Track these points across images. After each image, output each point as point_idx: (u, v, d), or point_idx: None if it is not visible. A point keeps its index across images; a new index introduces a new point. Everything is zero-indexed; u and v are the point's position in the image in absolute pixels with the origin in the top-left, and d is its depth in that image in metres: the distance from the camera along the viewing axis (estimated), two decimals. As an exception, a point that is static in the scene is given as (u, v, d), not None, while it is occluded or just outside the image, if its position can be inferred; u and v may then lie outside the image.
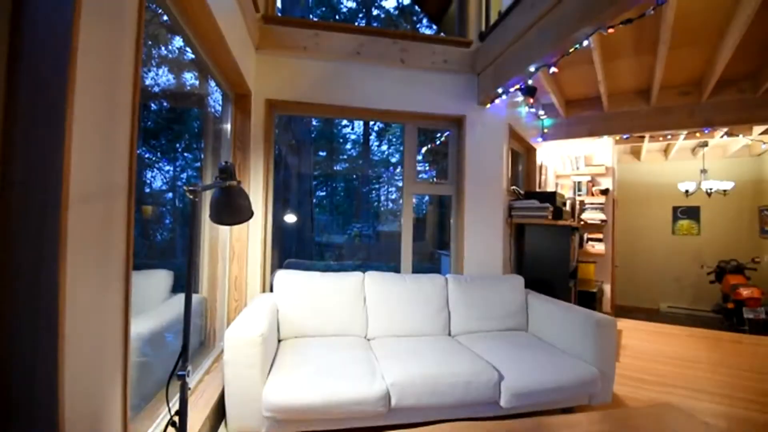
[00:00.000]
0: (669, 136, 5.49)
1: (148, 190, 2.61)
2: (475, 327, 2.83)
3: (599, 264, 5.20)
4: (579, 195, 5.36)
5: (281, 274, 2.69)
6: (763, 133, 5.28)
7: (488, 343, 2.54)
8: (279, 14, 3.42)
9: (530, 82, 2.83)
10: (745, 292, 5.06)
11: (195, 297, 2.37)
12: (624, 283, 6.83)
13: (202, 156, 2.62)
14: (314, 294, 2.64)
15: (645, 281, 6.95)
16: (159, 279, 2.15)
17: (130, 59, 1.14)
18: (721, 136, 5.33)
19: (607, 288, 5.20)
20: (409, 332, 2.72)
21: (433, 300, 2.83)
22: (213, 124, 2.66)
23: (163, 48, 2.16)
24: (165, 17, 1.77)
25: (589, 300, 4.32)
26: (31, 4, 0.88)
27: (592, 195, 5.34)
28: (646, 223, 7.05)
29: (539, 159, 4.61)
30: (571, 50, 2.28)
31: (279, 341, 2.50)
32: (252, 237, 2.86)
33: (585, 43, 2.18)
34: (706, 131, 4.76)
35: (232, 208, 1.55)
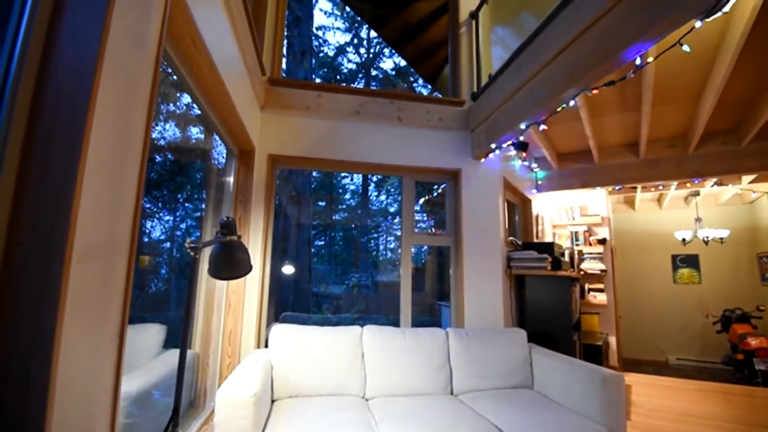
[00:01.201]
0: (660, 187, 5.63)
1: (146, 239, 2.63)
2: (478, 385, 2.72)
3: (603, 315, 5.10)
4: (577, 245, 5.38)
5: (277, 328, 2.63)
6: (752, 182, 5.43)
7: (493, 402, 2.42)
8: (284, 75, 3.64)
9: (522, 138, 2.96)
10: (753, 342, 4.92)
11: (188, 353, 2.30)
12: (628, 334, 6.65)
13: (204, 207, 2.66)
14: (310, 350, 2.56)
15: (649, 331, 6.78)
16: (152, 334, 2.10)
17: (142, 118, 1.21)
18: (712, 186, 5.47)
19: (612, 340, 5.06)
20: (410, 391, 2.60)
21: (433, 356, 2.74)
22: (216, 177, 2.74)
23: (171, 104, 2.28)
24: (175, 77, 1.89)
25: (595, 354, 4.19)
26: (56, 64, 0.95)
27: (590, 245, 5.36)
28: (646, 271, 7.02)
29: (535, 210, 4.69)
30: (558, 109, 2.42)
31: (273, 401, 2.38)
32: (249, 290, 2.83)
33: (572, 103, 2.31)
34: (696, 181, 4.90)
35: (231, 263, 1.56)
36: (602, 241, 5.33)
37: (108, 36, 0.97)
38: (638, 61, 1.91)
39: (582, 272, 5.13)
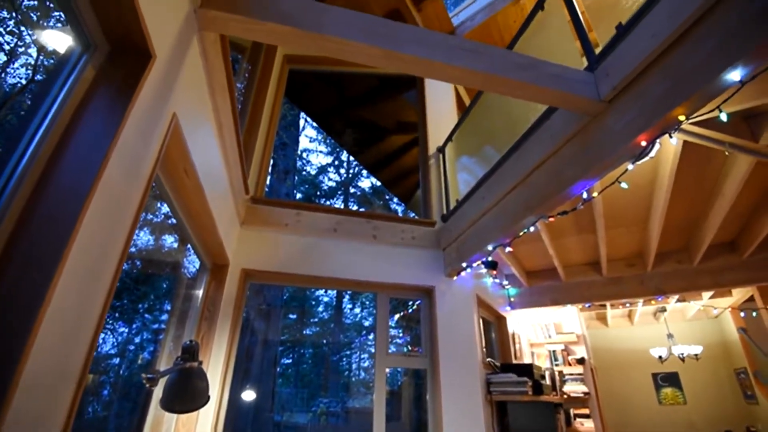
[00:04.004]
0: (627, 304, 5.79)
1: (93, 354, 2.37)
2: None
3: (593, 446, 4.69)
4: (556, 365, 5.22)
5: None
6: (711, 297, 5.69)
7: None
8: (267, 191, 3.84)
9: (491, 257, 3.11)
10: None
11: None
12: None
13: (166, 319, 2.50)
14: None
15: (646, 465, 6.20)
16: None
17: (119, 247, 1.23)
18: (676, 302, 5.69)
19: (608, 478, 4.56)
20: None
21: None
22: (184, 289, 2.64)
23: (148, 214, 2.29)
24: (158, 191, 1.96)
25: (592, 496, 3.73)
26: (51, 187, 0.98)
27: (569, 364, 5.21)
28: (629, 392, 6.74)
29: (511, 327, 4.64)
30: (521, 233, 2.61)
31: None
32: (201, 422, 2.50)
33: (532, 228, 2.52)
34: (660, 298, 5.09)
35: (188, 392, 1.42)
36: (581, 361, 5.20)
37: (106, 168, 1.05)
38: (585, 195, 2.17)
39: (565, 396, 4.87)
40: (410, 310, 4.38)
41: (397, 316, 5.47)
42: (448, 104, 4.73)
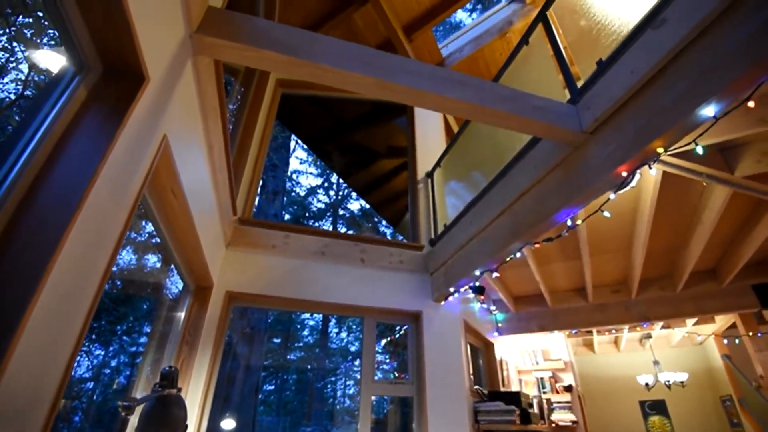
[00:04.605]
0: (613, 331, 5.82)
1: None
2: None
3: (582, 479, 4.59)
4: (544, 392, 5.16)
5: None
6: (695, 324, 5.75)
7: None
8: (255, 211, 3.81)
9: (478, 282, 3.12)
10: None
11: None
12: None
13: (145, 342, 2.41)
14: None
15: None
16: None
17: (101, 267, 1.20)
18: (660, 329, 5.73)
19: None
20: None
21: None
22: (166, 311, 2.57)
23: (132, 232, 2.24)
24: (143, 209, 1.93)
25: None
26: (36, 205, 0.97)
27: (557, 392, 5.16)
28: (617, 420, 6.68)
29: (498, 354, 4.60)
30: (508, 259, 2.64)
31: None
32: (178, 453, 2.39)
33: (518, 254, 2.55)
34: (645, 325, 5.13)
35: (165, 421, 1.37)
36: (569, 388, 5.16)
37: (93, 187, 1.04)
38: (569, 223, 2.21)
39: (553, 425, 4.80)
40: (397, 335, 4.32)
41: (384, 341, 5.39)
42: (436, 131, 4.84)
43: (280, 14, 3.89)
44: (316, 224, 14.42)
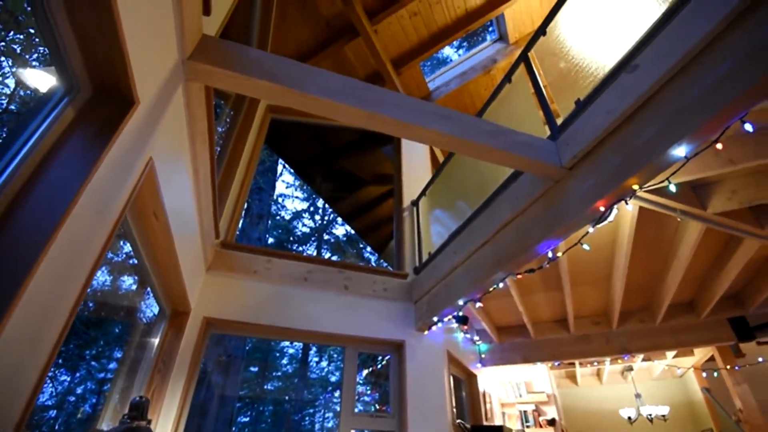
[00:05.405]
0: (595, 363, 5.82)
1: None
2: None
3: None
4: (527, 426, 5.07)
5: None
6: (675, 356, 5.81)
7: None
8: (238, 234, 3.76)
9: (462, 312, 3.11)
10: None
11: None
12: None
13: (115, 368, 2.29)
14: None
15: None
16: None
17: (77, 287, 1.16)
18: (641, 361, 5.76)
19: None
20: None
21: None
22: (138, 336, 2.46)
23: (109, 252, 2.18)
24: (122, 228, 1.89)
25: None
26: (15, 222, 0.94)
27: (540, 426, 5.07)
28: (602, 459, 6.56)
29: (481, 386, 4.53)
30: (491, 289, 2.65)
31: None
32: (142, 492, 2.23)
33: (501, 285, 2.56)
34: (626, 357, 5.15)
35: (130, 457, 1.29)
36: (552, 422, 5.08)
37: (73, 209, 1.02)
38: (550, 255, 2.25)
39: (537, 461, 4.69)
40: (379, 366, 4.22)
41: (365, 372, 5.25)
42: (422, 160, 4.94)
43: (273, 42, 3.99)
44: (300, 249, 14.25)
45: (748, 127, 1.55)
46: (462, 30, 4.78)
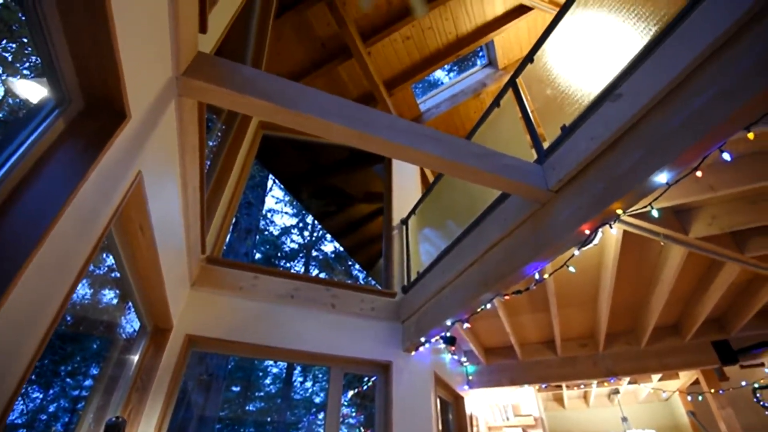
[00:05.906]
0: (582, 386, 5.80)
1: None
2: None
3: None
4: (515, 451, 4.99)
5: None
6: (660, 380, 5.81)
7: None
8: (225, 249, 3.70)
9: (449, 333, 3.09)
10: None
11: None
12: None
13: (91, 385, 2.20)
14: None
15: None
16: None
17: (57, 302, 1.13)
18: (628, 384, 5.76)
19: None
20: None
21: None
22: (117, 352, 2.38)
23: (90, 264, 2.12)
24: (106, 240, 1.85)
25: None
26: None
27: (528, 451, 4.99)
28: (589, 486, 6.46)
29: (468, 408, 4.47)
30: (479, 309, 2.65)
31: None
32: None
33: (488, 306, 2.57)
34: (612, 380, 5.14)
35: (101, 483, 1.23)
36: (539, 447, 5.01)
37: (58, 222, 1.00)
38: (537, 276, 2.27)
39: (524, 488, 4.59)
40: (365, 387, 4.14)
41: (351, 393, 5.14)
42: (413, 179, 4.99)
43: (268, 60, 4.05)
44: (288, 265, 14.09)
45: (726, 156, 1.61)
46: (453, 55, 4.92)
